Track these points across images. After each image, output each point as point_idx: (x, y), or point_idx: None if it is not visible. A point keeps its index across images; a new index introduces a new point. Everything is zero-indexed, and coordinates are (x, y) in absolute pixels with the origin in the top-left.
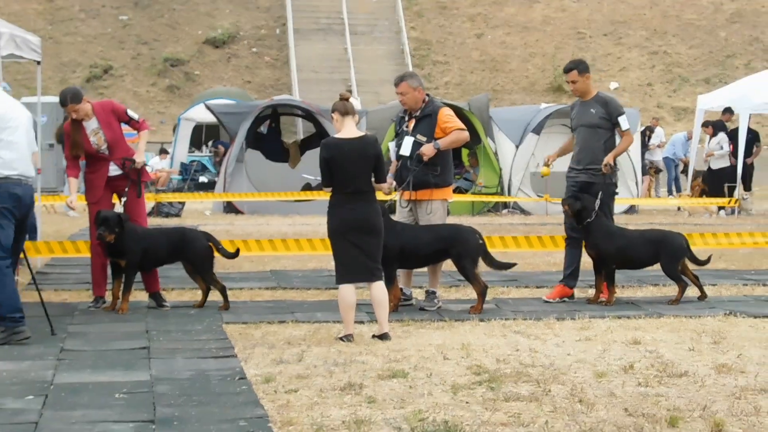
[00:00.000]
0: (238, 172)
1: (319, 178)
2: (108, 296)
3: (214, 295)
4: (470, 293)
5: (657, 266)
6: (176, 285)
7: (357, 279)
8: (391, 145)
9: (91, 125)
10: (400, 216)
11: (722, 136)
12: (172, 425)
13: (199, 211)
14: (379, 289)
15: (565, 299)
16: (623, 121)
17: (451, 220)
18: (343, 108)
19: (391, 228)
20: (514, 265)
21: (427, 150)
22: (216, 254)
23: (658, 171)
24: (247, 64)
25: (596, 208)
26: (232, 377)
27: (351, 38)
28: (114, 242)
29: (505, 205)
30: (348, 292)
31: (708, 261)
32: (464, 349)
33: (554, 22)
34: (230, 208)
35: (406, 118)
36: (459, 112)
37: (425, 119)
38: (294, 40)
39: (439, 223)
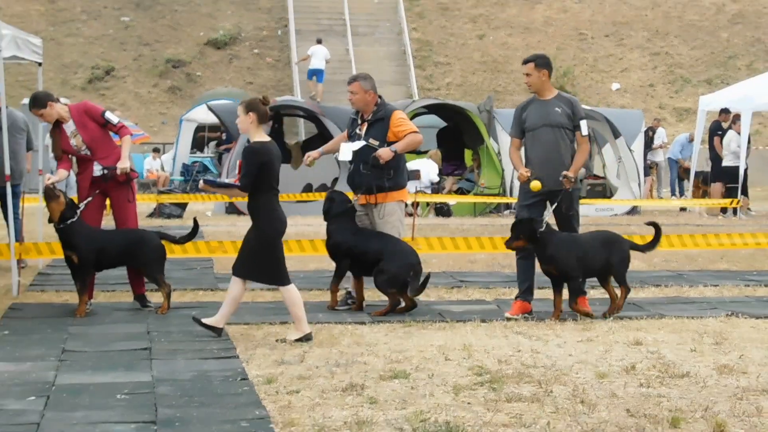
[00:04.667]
0: None
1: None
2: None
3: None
4: (471, 293)
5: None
6: (177, 286)
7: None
8: (344, 146)
9: (70, 127)
10: (358, 221)
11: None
12: (173, 426)
13: (200, 212)
14: (294, 289)
15: (526, 315)
16: (584, 126)
17: (454, 221)
18: (265, 114)
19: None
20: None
21: (384, 153)
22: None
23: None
24: (248, 65)
25: (545, 218)
26: (233, 378)
27: (352, 39)
28: (66, 233)
29: (507, 206)
30: (296, 290)
31: (652, 245)
32: (466, 350)
33: (556, 23)
34: (232, 209)
35: (359, 121)
36: (462, 112)
37: (377, 123)
38: (296, 41)
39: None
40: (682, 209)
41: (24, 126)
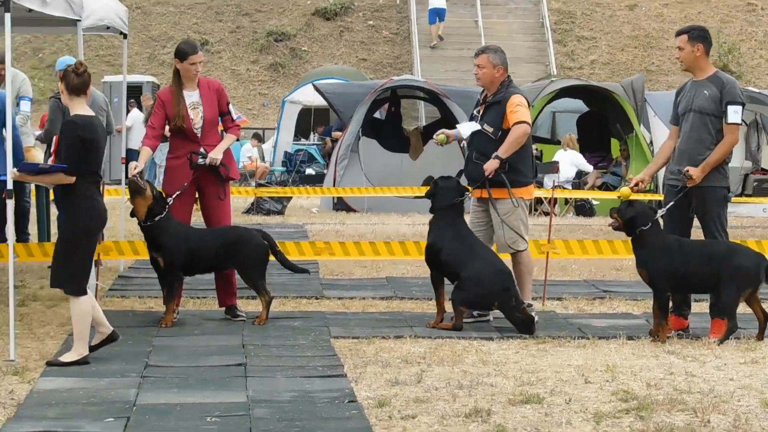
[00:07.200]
0: (351, 163)
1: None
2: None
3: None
4: (617, 306)
5: None
6: (277, 293)
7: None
8: (465, 123)
9: (192, 98)
10: (473, 216)
11: None
12: None
13: (305, 209)
14: (86, 302)
15: (681, 332)
16: (732, 112)
17: (597, 221)
18: (78, 85)
19: None
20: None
21: (490, 167)
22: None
23: None
24: (362, 38)
25: (657, 215)
26: (340, 400)
27: (482, 9)
28: (153, 231)
29: (661, 204)
30: (87, 303)
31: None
32: (609, 372)
33: None
34: (341, 205)
35: (480, 101)
36: (608, 96)
37: (494, 106)
38: (416, 12)
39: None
40: None
41: (105, 106)
